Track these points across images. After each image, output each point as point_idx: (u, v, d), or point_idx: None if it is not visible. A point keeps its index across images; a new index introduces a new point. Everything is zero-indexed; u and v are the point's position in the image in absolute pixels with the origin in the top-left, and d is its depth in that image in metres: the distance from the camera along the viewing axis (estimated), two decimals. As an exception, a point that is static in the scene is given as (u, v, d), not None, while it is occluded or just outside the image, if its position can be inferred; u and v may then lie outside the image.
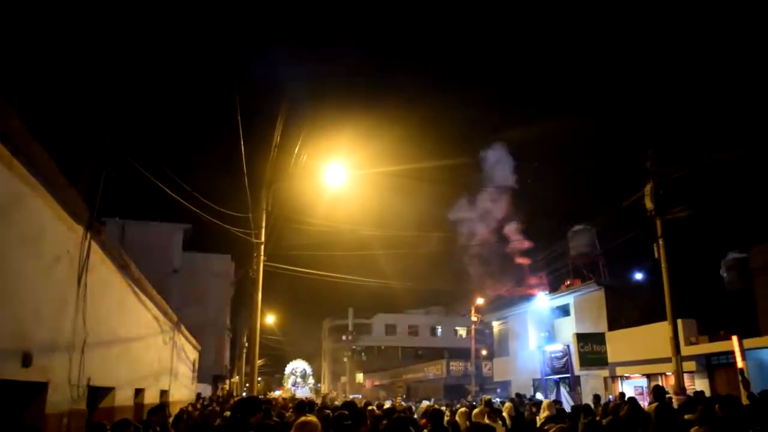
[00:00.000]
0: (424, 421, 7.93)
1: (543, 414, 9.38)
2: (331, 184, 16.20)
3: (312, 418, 5.09)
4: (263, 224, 16.07)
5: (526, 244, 30.22)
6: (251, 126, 14.59)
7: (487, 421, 9.15)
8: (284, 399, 24.30)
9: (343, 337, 63.62)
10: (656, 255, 14.30)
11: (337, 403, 17.49)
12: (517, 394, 19.53)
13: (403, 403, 19.97)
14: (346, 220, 20.76)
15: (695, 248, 19.14)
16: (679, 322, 14.97)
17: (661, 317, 15.23)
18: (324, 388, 69.18)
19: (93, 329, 7.97)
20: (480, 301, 35.43)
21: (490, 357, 35.95)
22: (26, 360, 5.96)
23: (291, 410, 11.81)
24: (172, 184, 11.07)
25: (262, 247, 16.07)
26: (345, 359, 62.65)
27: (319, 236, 21.46)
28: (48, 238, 6.65)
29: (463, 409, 10.12)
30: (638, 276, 24.81)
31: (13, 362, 5.77)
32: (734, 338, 14.23)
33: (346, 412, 7.27)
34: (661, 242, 14.11)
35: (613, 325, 21.71)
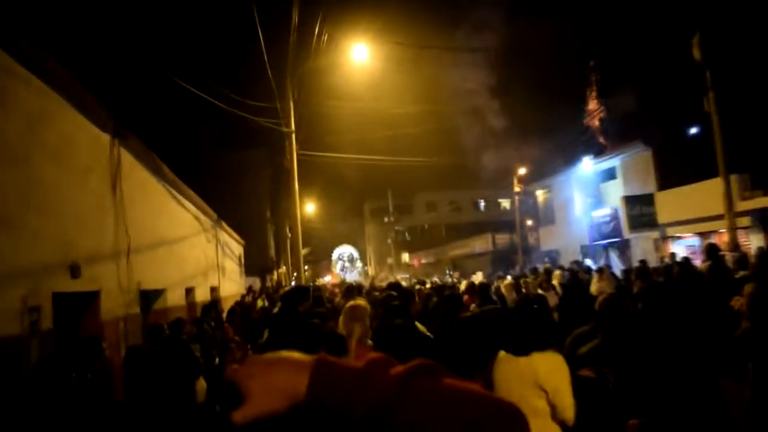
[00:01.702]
0: (467, 297, 8.14)
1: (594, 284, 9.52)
2: (356, 62, 15.88)
3: (361, 301, 5.26)
4: (291, 112, 16.00)
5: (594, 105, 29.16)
6: (268, 14, 14.15)
7: (540, 291, 9.37)
8: (333, 285, 25.18)
9: (385, 219, 64.64)
10: (706, 108, 13.85)
11: (383, 284, 18.08)
12: (576, 262, 19.72)
13: (453, 279, 20.42)
14: (377, 99, 20.50)
15: (747, 99, 18.34)
16: (732, 177, 14.70)
17: (713, 174, 14.95)
18: (371, 270, 71.32)
19: (136, 235, 8.25)
20: (522, 170, 35.23)
21: (537, 227, 36.23)
22: (75, 271, 6.24)
23: (339, 295, 12.29)
24: (196, 84, 11.01)
25: (293, 135, 16.10)
26: (389, 241, 64.01)
27: (350, 119, 21.35)
28: (77, 150, 6.76)
29: (508, 281, 10.35)
30: (690, 131, 24.13)
31: (63, 274, 6.06)
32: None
33: (394, 293, 7.51)
34: (711, 95, 13.60)
35: (662, 186, 21.46)
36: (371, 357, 0.92)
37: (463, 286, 11.55)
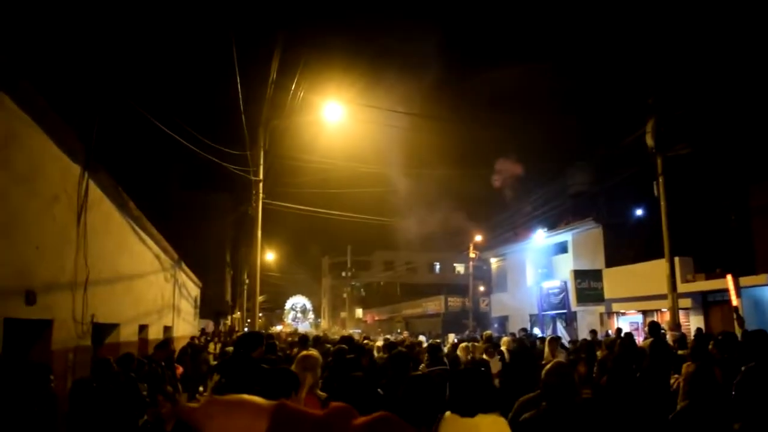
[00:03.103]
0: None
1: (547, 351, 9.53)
2: (329, 121, 16.10)
3: (313, 351, 5.20)
4: (261, 162, 16.04)
5: (518, 170, 29.94)
6: (248, 65, 14.35)
7: (485, 357, 9.37)
8: (287, 333, 24.79)
9: (343, 274, 64.28)
10: (656, 193, 14.34)
11: (335, 337, 17.86)
12: (524, 329, 19.84)
13: (421, 338, 20.26)
14: (345, 157, 20.69)
15: (694, 186, 19.10)
16: (676, 259, 15.13)
17: (658, 255, 15.37)
18: (324, 323, 70.46)
19: (95, 267, 8.05)
20: (479, 237, 35.69)
21: (488, 293, 36.45)
22: (30, 298, 6.04)
23: (288, 344, 12.08)
24: (169, 124, 11.00)
25: (261, 184, 16.10)
26: (344, 295, 63.51)
27: (318, 174, 21.45)
28: (45, 177, 6.64)
29: (464, 344, 10.34)
30: (637, 213, 24.87)
31: (18, 300, 5.85)
32: (729, 276, 14.41)
33: (346, 347, 7.43)
34: (660, 180, 14.11)
35: (610, 262, 21.95)
36: (334, 406, 0.90)
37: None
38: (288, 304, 74.92)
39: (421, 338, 16.91)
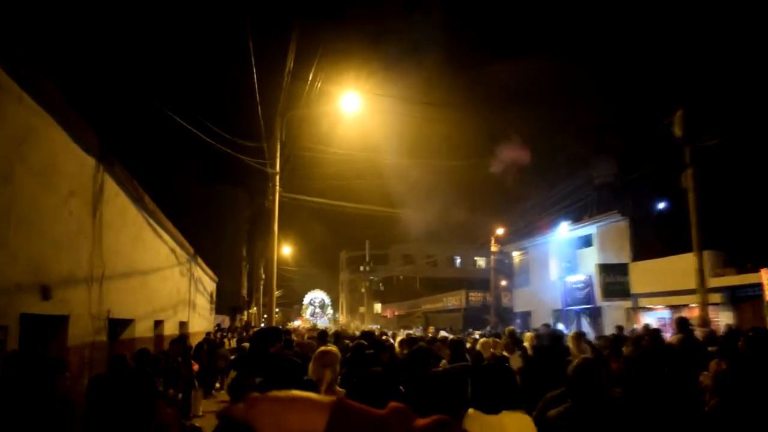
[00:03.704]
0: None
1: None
2: (347, 111, 16.08)
3: (332, 347, 5.22)
4: (278, 154, 16.08)
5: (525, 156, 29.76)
6: (264, 55, 14.41)
7: (504, 353, 9.34)
8: (307, 329, 24.92)
9: (361, 268, 64.42)
10: (683, 184, 14.15)
11: (355, 332, 17.91)
12: (546, 325, 19.75)
13: (444, 333, 20.29)
14: (362, 148, 20.67)
15: (724, 177, 18.82)
16: (705, 253, 14.94)
17: (687, 248, 15.19)
18: (342, 318, 70.68)
19: (111, 262, 8.15)
20: (500, 230, 35.53)
21: (511, 288, 36.31)
22: (46, 293, 6.12)
23: (309, 339, 12.14)
24: (185, 116, 11.08)
25: (277, 177, 16.14)
26: (363, 290, 63.65)
27: (335, 165, 21.46)
28: (61, 171, 6.72)
29: (486, 339, 10.31)
30: (664, 205, 24.59)
31: (34, 296, 5.94)
32: (763, 271, 14.18)
33: (365, 342, 7.46)
34: (689, 171, 13.93)
35: (636, 256, 21.74)
36: (393, 406, 0.89)
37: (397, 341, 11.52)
38: (306, 299, 75.27)
39: (444, 333, 16.90)
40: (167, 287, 13.72)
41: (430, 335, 16.00)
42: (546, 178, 32.24)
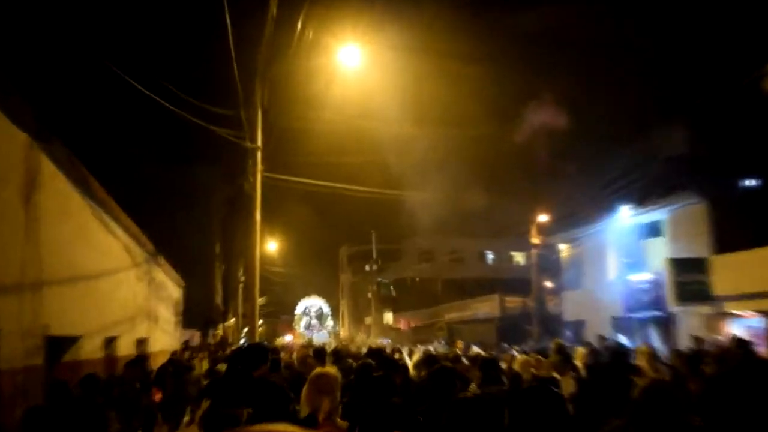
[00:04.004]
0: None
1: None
2: (345, 68, 16.00)
3: (331, 369, 5.21)
4: (259, 123, 16.05)
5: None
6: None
7: (554, 374, 9.30)
8: (301, 346, 24.98)
9: (366, 267, 64.41)
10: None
11: (362, 350, 17.92)
12: (602, 337, 19.69)
13: (476, 349, 20.33)
14: (366, 116, 20.62)
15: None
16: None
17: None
18: (343, 331, 70.82)
19: (48, 264, 8.15)
20: (543, 217, 35.39)
21: (558, 290, 36.23)
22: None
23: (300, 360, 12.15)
24: (142, 79, 11.04)
25: (259, 153, 16.12)
26: (369, 295, 63.72)
27: (332, 138, 21.42)
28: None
29: (525, 357, 10.28)
30: (753, 183, 24.37)
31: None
32: None
33: (372, 362, 7.44)
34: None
35: (719, 248, 21.59)
36: None
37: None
38: (299, 308, 75.36)
39: (476, 350, 16.91)
40: (121, 295, 13.77)
41: (458, 351, 16.00)
42: (599, 150, 32.07)
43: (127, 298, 14.35)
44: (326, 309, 75.84)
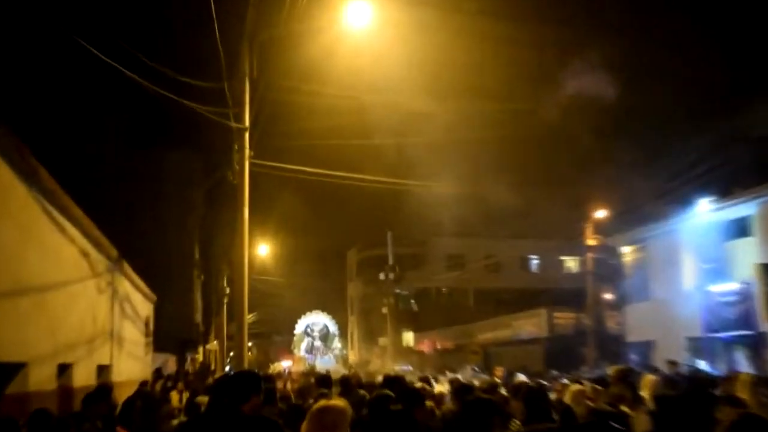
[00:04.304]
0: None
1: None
2: (352, 29, 15.97)
3: (338, 401, 5.20)
4: (246, 99, 16.05)
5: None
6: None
7: (624, 408, 9.26)
8: (300, 374, 24.97)
9: (381, 276, 64.27)
10: None
11: (376, 378, 17.91)
12: (672, 362, 19.60)
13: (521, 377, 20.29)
14: (379, 88, 20.56)
15: None
16: None
17: None
18: (353, 355, 70.87)
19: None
20: (601, 213, 35.28)
21: (620, 304, 36.11)
22: None
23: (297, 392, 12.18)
24: (105, 48, 11.06)
25: (246, 134, 16.12)
26: (384, 310, 63.65)
27: (336, 116, 21.40)
28: None
29: (579, 387, 10.24)
30: None
31: None
32: None
33: (390, 393, 7.43)
34: None
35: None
36: None
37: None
38: (300, 326, 75.25)
39: (521, 377, 16.89)
40: (77, 312, 13.80)
41: (497, 380, 15.97)
42: (671, 130, 31.92)
43: (84, 316, 14.38)
44: (332, 327, 75.67)
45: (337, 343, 74.84)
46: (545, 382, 15.56)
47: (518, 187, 37.48)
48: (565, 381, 16.88)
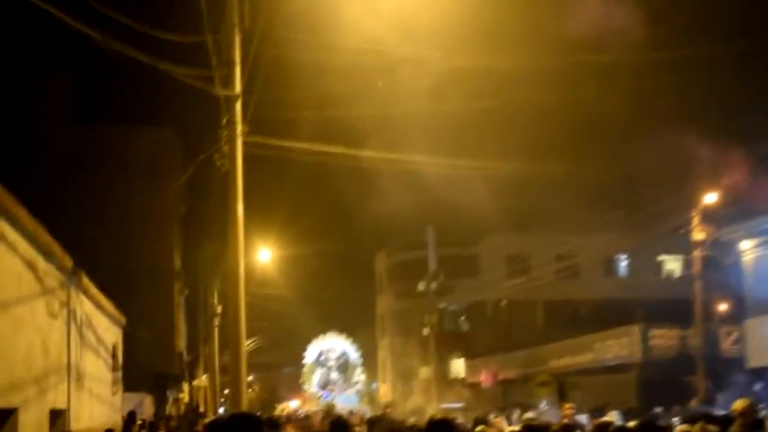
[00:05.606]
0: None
1: None
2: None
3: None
4: (237, 58, 16.06)
5: None
6: None
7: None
8: (315, 414, 25.07)
9: (420, 287, 64.23)
10: None
11: (415, 421, 17.94)
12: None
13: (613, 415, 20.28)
14: (408, 41, 20.47)
15: None
16: None
17: None
18: (384, 390, 70.95)
19: None
20: (710, 197, 35.04)
21: (739, 317, 35.95)
22: None
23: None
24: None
25: (238, 105, 16.14)
26: (426, 331, 63.63)
27: (353, 80, 21.36)
28: None
29: (688, 428, 10.26)
30: None
31: None
32: None
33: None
34: None
35: None
36: None
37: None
38: (311, 354, 75.47)
39: (614, 416, 16.94)
40: (22, 341, 13.88)
41: (566, 419, 15.96)
42: None
43: (32, 346, 14.46)
44: (354, 355, 75.72)
45: (359, 375, 74.71)
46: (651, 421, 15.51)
47: (600, 165, 37.33)
48: (675, 421, 16.83)
